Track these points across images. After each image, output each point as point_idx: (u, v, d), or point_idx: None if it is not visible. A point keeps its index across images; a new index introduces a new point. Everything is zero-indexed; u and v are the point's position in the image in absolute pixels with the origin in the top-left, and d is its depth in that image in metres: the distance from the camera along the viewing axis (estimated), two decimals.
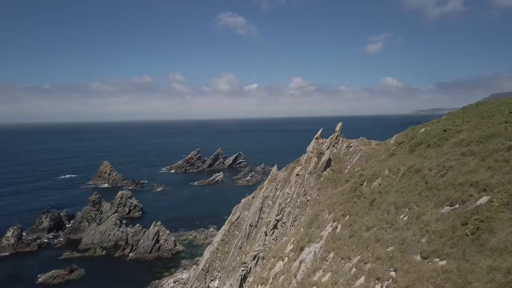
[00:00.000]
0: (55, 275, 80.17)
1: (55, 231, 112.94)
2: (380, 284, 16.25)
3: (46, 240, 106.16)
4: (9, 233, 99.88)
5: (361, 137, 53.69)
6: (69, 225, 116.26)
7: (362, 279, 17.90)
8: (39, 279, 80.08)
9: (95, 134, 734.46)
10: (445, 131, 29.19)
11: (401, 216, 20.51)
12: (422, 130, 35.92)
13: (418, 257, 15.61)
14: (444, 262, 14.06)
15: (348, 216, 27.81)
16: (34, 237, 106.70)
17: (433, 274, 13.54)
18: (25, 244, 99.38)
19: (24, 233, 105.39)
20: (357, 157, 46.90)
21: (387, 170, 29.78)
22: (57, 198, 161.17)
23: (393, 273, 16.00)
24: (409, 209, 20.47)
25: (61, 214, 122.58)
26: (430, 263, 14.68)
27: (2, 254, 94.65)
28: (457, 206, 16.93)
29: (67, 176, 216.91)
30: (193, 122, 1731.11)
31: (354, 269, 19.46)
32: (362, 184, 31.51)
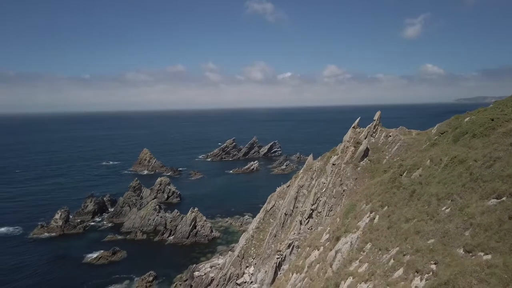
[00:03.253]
0: (100, 256, 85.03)
1: (99, 214, 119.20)
2: (419, 277, 15.99)
3: (91, 223, 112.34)
4: (57, 216, 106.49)
5: (400, 126, 52.17)
6: (112, 210, 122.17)
7: (400, 271, 17.68)
8: (86, 259, 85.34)
9: (133, 123, 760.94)
10: (492, 120, 27.83)
11: (443, 208, 19.94)
12: (467, 119, 34.41)
13: (461, 251, 15.19)
14: (489, 257, 13.61)
15: (386, 207, 27.35)
16: (80, 220, 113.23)
17: (477, 268, 13.16)
18: (72, 226, 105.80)
19: (71, 216, 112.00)
20: (396, 147, 45.75)
21: (429, 160, 28.88)
22: (100, 183, 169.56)
23: (433, 266, 15.68)
24: (452, 201, 19.85)
25: (104, 199, 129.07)
26: (473, 257, 14.26)
27: (52, 234, 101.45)
28: (504, 198, 16.24)
29: (110, 163, 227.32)
30: (227, 111, 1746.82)
31: (392, 261, 19.23)
32: (401, 175, 30.77)
